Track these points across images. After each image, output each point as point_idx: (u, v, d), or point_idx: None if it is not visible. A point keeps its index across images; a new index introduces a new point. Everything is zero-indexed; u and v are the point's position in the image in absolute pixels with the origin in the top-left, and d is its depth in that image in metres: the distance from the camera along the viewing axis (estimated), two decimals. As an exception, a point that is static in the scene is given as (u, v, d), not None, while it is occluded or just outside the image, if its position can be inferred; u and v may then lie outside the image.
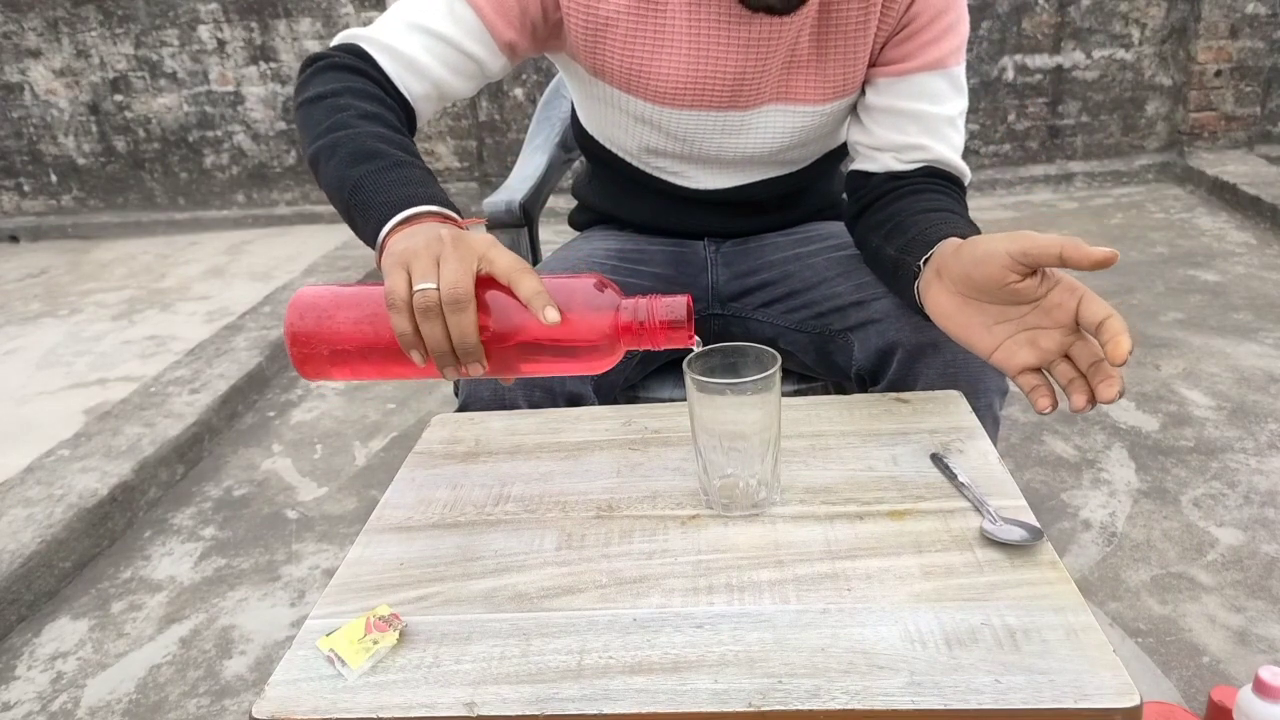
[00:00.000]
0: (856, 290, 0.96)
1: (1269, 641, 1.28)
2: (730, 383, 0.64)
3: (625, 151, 1.07)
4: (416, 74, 0.88)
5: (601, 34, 0.90)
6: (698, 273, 1.11)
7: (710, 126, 0.97)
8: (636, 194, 1.11)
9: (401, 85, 0.88)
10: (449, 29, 0.87)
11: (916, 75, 0.91)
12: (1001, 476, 0.70)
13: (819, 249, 1.06)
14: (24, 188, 4.45)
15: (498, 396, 0.91)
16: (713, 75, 0.91)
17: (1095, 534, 1.55)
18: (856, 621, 0.56)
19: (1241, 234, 3.03)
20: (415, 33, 0.87)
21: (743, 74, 0.91)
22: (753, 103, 0.94)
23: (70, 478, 1.88)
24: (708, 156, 1.02)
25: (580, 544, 0.66)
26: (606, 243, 1.13)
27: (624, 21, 0.89)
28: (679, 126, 0.97)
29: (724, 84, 0.92)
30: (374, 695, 0.53)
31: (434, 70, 0.88)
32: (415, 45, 0.87)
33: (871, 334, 0.92)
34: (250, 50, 4.04)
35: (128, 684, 1.42)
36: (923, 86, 0.91)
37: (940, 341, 0.87)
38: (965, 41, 0.92)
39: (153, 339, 2.90)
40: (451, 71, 0.89)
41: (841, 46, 0.92)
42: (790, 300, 1.04)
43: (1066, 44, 3.72)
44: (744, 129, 0.97)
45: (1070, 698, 0.49)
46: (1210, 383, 2.04)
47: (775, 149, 1.00)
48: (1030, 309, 0.69)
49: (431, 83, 0.89)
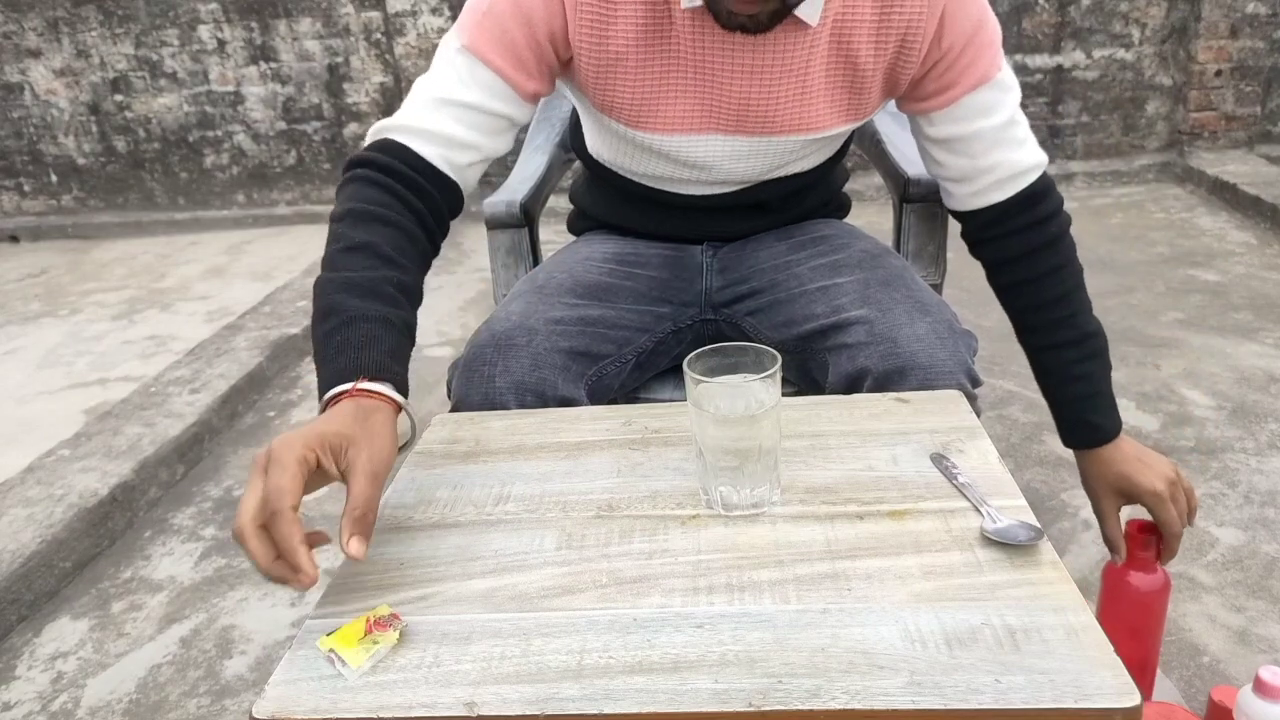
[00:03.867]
0: (833, 312, 0.97)
1: (1269, 641, 1.28)
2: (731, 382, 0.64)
3: (629, 173, 1.07)
4: (455, 148, 0.89)
5: (611, 70, 0.91)
6: (693, 277, 1.11)
7: (720, 152, 0.97)
8: (635, 205, 1.11)
9: (443, 164, 0.89)
10: (475, 97, 0.89)
11: (965, 98, 0.92)
12: (1001, 476, 0.70)
13: (808, 255, 1.06)
14: (24, 188, 4.45)
15: (488, 400, 0.91)
16: (720, 99, 0.91)
17: (1095, 534, 1.55)
18: (857, 621, 0.56)
19: (1242, 234, 3.02)
20: (444, 108, 0.89)
21: (748, 98, 0.91)
22: (766, 130, 0.94)
23: (70, 478, 1.88)
24: (718, 180, 1.02)
25: (580, 544, 0.66)
26: (604, 246, 1.13)
27: (633, 56, 0.89)
28: (690, 154, 0.97)
29: (731, 108, 0.92)
30: (374, 695, 0.53)
31: (470, 139, 0.90)
32: (447, 121, 0.89)
33: (843, 358, 0.93)
34: (250, 50, 4.04)
35: (128, 684, 1.42)
36: (975, 105, 0.92)
37: (907, 369, 0.88)
38: (999, 40, 0.92)
39: (153, 339, 2.90)
40: (486, 135, 0.91)
41: (851, 77, 0.92)
42: (774, 313, 1.04)
43: (1066, 44, 3.72)
44: (756, 154, 0.97)
45: (1070, 698, 0.49)
46: (1210, 382, 2.04)
47: (789, 172, 1.02)
48: None
49: (471, 151, 0.91)
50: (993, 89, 0.92)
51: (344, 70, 4.04)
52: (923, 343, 0.88)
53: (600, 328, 1.00)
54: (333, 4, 3.92)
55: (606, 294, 1.03)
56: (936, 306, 0.93)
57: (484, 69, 0.88)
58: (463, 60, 0.89)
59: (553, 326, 0.95)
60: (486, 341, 0.94)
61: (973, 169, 0.96)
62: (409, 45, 3.90)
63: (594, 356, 0.98)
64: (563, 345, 0.95)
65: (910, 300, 0.93)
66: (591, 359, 0.98)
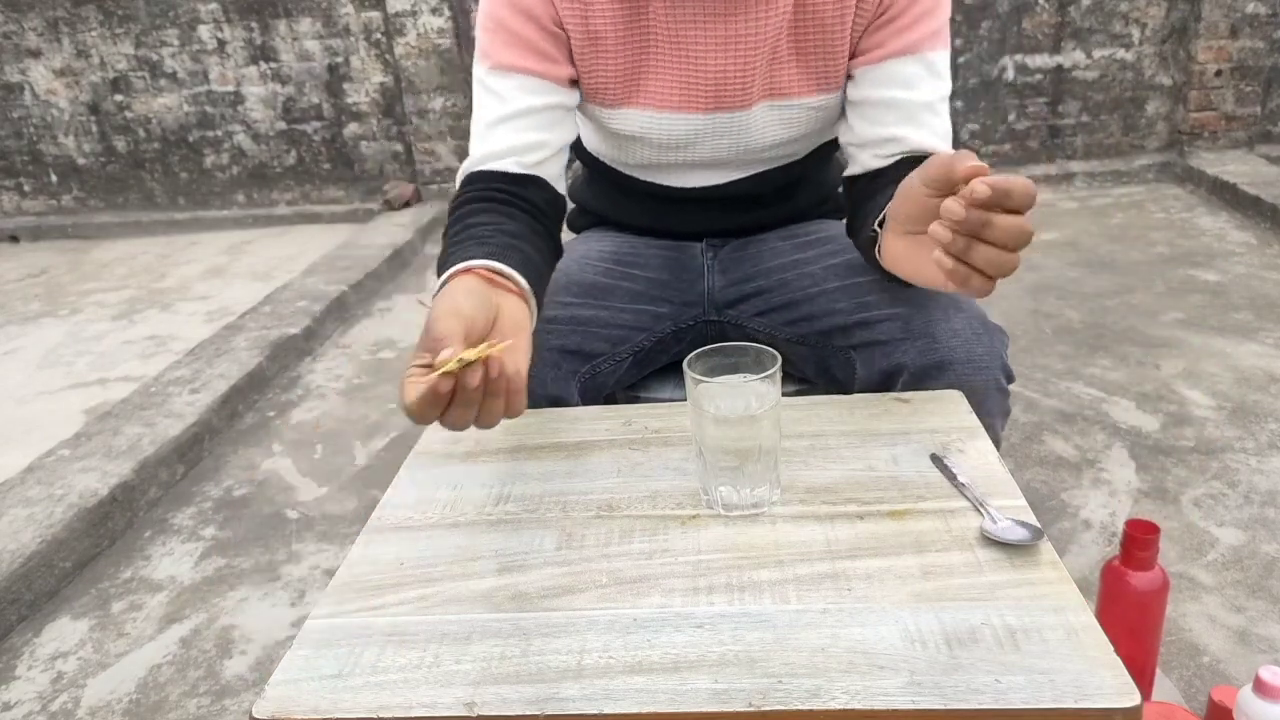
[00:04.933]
0: (859, 309, 0.96)
1: (1269, 641, 1.28)
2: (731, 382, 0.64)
3: (620, 164, 1.08)
4: (522, 152, 0.92)
5: (594, 46, 0.92)
6: (694, 278, 1.11)
7: (702, 129, 0.97)
8: (632, 198, 1.11)
9: (517, 168, 0.92)
10: (517, 103, 0.91)
11: (890, 62, 0.90)
12: (1001, 476, 0.70)
13: (818, 255, 1.06)
14: (24, 188, 4.45)
15: None
16: (696, 74, 0.92)
17: (1095, 534, 1.55)
18: (857, 621, 0.56)
19: (1242, 234, 3.02)
20: (496, 128, 0.92)
21: (724, 72, 0.92)
22: (742, 103, 0.95)
23: (70, 478, 1.88)
24: (703, 161, 1.02)
25: (580, 544, 0.66)
26: (602, 245, 1.13)
27: (613, 33, 0.91)
28: (670, 134, 0.98)
29: (708, 83, 0.93)
30: (374, 695, 0.53)
31: (531, 140, 0.92)
32: (503, 136, 0.92)
33: (876, 355, 0.92)
34: (250, 50, 4.04)
35: (128, 684, 1.42)
36: (896, 73, 0.90)
37: (945, 364, 0.87)
38: (944, 27, 0.91)
39: (153, 339, 2.90)
40: (545, 130, 0.93)
41: (819, 39, 0.92)
42: (788, 311, 1.04)
43: (1067, 44, 3.72)
44: (734, 129, 0.98)
45: (1070, 698, 0.49)
46: (1210, 382, 2.04)
47: (768, 144, 1.01)
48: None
49: (539, 150, 0.93)
50: (919, 63, 0.90)
51: (344, 70, 4.04)
52: (960, 337, 0.88)
53: (594, 327, 1.00)
54: (333, 4, 3.92)
55: (602, 294, 1.03)
56: (968, 302, 0.92)
57: (513, 76, 0.91)
58: (493, 80, 0.92)
59: (543, 325, 0.95)
60: None
61: (874, 136, 0.92)
62: (409, 45, 3.90)
63: (586, 355, 0.98)
64: (554, 344, 0.95)
65: (942, 296, 0.92)
66: (584, 357, 0.98)
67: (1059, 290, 2.66)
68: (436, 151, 4.08)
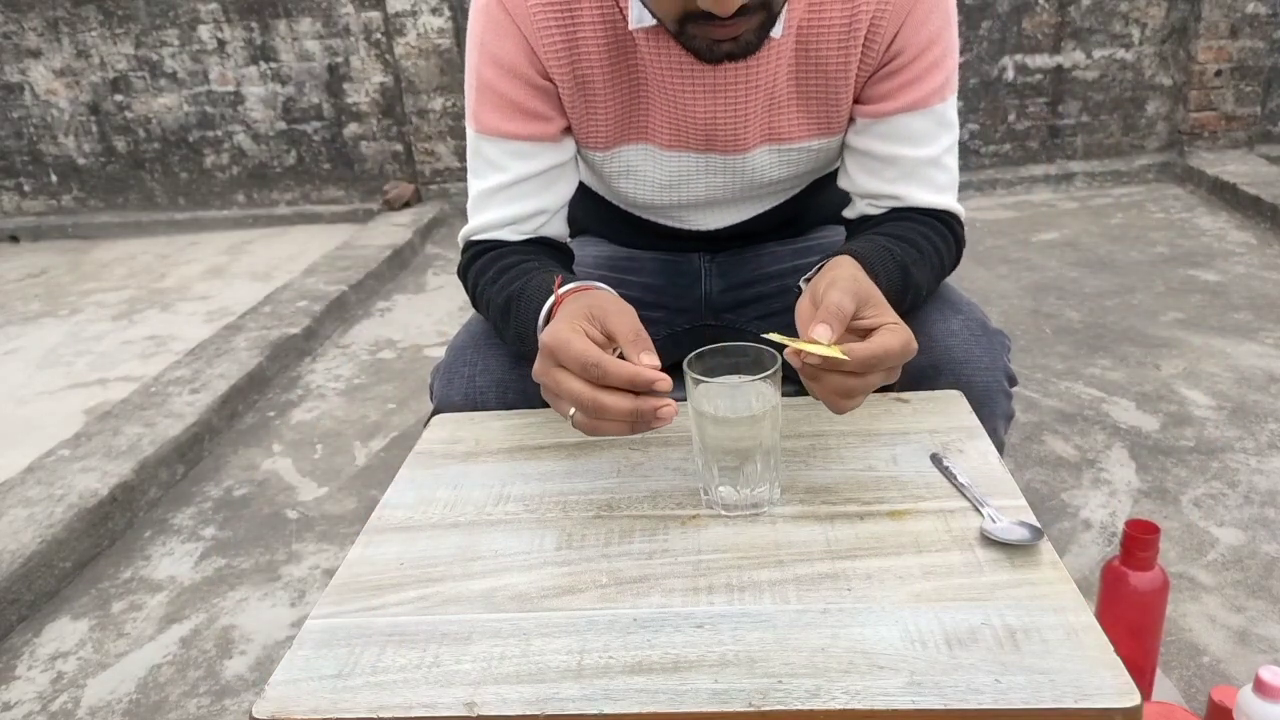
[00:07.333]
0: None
1: (1269, 641, 1.28)
2: (731, 382, 0.64)
3: (618, 200, 1.06)
4: (520, 222, 0.92)
5: (583, 93, 0.89)
6: (691, 284, 1.10)
7: (695, 168, 0.95)
8: (630, 223, 1.08)
9: (523, 235, 0.93)
10: (511, 171, 0.90)
11: (898, 117, 0.87)
12: (1001, 476, 0.70)
13: (818, 260, 1.05)
14: (24, 188, 4.45)
15: (470, 399, 0.91)
16: (687, 120, 0.89)
17: (1095, 534, 1.55)
18: (857, 621, 0.56)
19: (1241, 234, 3.02)
20: (491, 199, 0.91)
21: (714, 118, 0.88)
22: (738, 148, 0.92)
23: (70, 478, 1.88)
24: (699, 200, 0.99)
25: (580, 544, 0.66)
26: (598, 249, 1.12)
27: (602, 78, 0.88)
28: (664, 172, 0.95)
29: (698, 128, 0.89)
30: (374, 695, 0.53)
31: (526, 209, 0.92)
32: (498, 207, 0.91)
33: None
34: (250, 50, 4.05)
35: (128, 684, 1.42)
36: (903, 128, 0.88)
37: (941, 364, 0.86)
38: (953, 74, 0.88)
39: (153, 339, 2.90)
40: (539, 194, 0.92)
41: (822, 85, 0.88)
42: (788, 315, 1.02)
43: (1066, 44, 3.72)
44: (730, 169, 0.95)
45: (1070, 698, 0.49)
46: (1210, 383, 2.04)
47: (768, 181, 0.98)
48: None
49: (536, 218, 0.93)
50: (928, 118, 0.87)
51: (344, 70, 4.04)
52: (957, 338, 0.87)
53: None
54: (333, 4, 3.92)
55: None
56: (967, 305, 0.91)
57: (503, 142, 0.89)
58: (483, 144, 0.90)
59: None
60: (466, 343, 0.94)
61: (873, 190, 0.91)
62: (409, 45, 3.90)
63: None
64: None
65: (940, 299, 0.91)
66: None
67: (1059, 290, 2.66)
68: (436, 152, 4.08)
